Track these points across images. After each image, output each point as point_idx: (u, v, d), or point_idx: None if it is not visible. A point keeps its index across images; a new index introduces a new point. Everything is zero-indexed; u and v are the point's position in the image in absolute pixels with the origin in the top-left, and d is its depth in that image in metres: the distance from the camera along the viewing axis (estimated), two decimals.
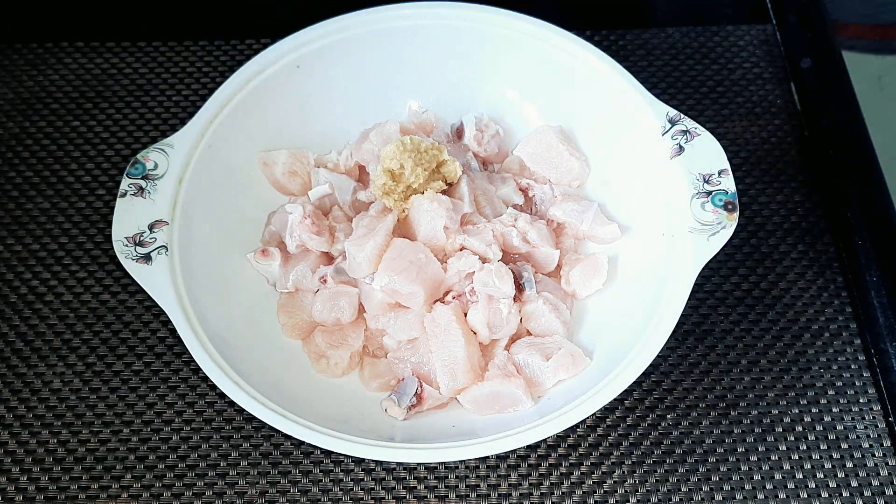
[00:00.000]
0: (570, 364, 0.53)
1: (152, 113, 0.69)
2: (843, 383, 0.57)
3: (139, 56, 0.72)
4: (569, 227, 0.59)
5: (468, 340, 0.53)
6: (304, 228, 0.57)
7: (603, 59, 0.59)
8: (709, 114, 0.69)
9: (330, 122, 0.63)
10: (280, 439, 0.55)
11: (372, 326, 0.56)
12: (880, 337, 0.58)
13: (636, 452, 0.55)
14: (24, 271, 0.61)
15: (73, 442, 0.55)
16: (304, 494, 0.53)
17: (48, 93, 0.70)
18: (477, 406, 0.53)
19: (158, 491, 0.53)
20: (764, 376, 0.57)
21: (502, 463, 0.54)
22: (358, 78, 0.63)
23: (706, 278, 0.61)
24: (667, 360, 0.58)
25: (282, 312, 0.57)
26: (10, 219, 0.64)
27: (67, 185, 0.65)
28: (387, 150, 0.56)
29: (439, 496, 0.53)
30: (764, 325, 0.59)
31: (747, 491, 0.53)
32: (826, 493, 0.53)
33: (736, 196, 0.53)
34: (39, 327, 0.59)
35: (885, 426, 0.55)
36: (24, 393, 0.57)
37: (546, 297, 0.55)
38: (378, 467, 0.54)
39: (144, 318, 0.60)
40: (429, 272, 0.54)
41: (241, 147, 0.59)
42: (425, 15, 0.61)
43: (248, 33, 0.73)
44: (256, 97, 0.59)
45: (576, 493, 0.53)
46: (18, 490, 0.54)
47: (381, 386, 0.55)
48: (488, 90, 0.64)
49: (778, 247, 0.63)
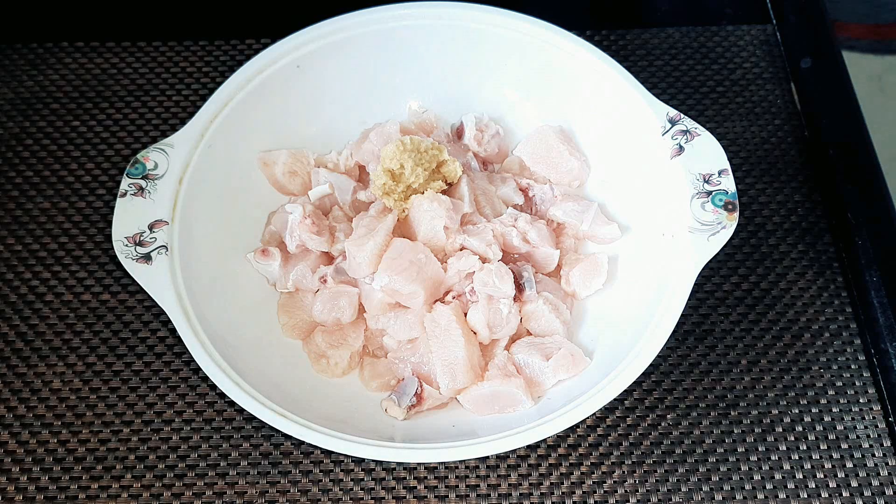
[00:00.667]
0: (570, 364, 0.53)
1: (152, 113, 0.69)
2: (844, 383, 0.57)
3: (139, 56, 0.72)
4: (569, 227, 0.59)
5: (468, 340, 0.53)
6: (304, 228, 0.57)
7: (603, 59, 0.59)
8: (709, 114, 0.69)
9: (330, 122, 0.63)
10: (280, 439, 0.55)
11: (372, 326, 0.56)
12: (880, 337, 0.58)
13: (636, 452, 0.55)
14: (25, 271, 0.62)
15: (73, 442, 0.55)
16: (304, 494, 0.53)
17: (48, 93, 0.70)
18: (477, 406, 0.53)
19: (158, 491, 0.53)
20: (764, 376, 0.57)
21: (502, 463, 0.54)
22: (358, 78, 0.63)
23: (706, 278, 0.61)
24: (667, 360, 0.58)
25: (282, 312, 0.57)
26: (10, 219, 0.64)
27: (67, 184, 0.65)
28: (387, 150, 0.56)
29: (439, 496, 0.53)
30: (764, 325, 0.59)
31: (747, 491, 0.53)
32: (826, 493, 0.53)
33: (736, 196, 0.53)
34: (39, 327, 0.59)
35: (885, 426, 0.55)
36: (24, 393, 0.57)
37: (546, 297, 0.55)
38: (378, 467, 0.54)
39: (144, 318, 0.60)
40: (429, 272, 0.54)
41: (241, 147, 0.59)
42: (425, 15, 0.61)
43: (248, 33, 0.73)
44: (256, 97, 0.59)
45: (576, 493, 0.53)
46: (18, 490, 0.54)
47: (381, 386, 0.55)
48: (488, 90, 0.64)
49: (778, 247, 0.63)
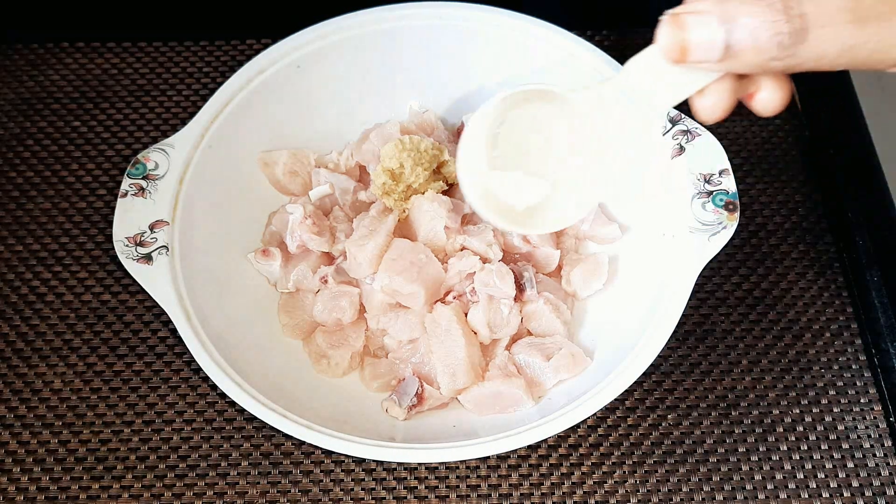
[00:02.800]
0: (571, 364, 0.53)
1: (153, 113, 0.69)
2: (844, 383, 0.57)
3: (139, 56, 0.72)
4: (569, 227, 0.59)
5: (469, 341, 0.53)
6: (304, 228, 0.57)
7: (603, 59, 0.59)
8: None
9: (330, 122, 0.63)
10: (281, 439, 0.55)
11: (373, 326, 0.56)
12: (881, 337, 0.58)
13: (637, 452, 0.55)
14: (25, 271, 0.61)
15: (74, 442, 0.55)
16: (305, 494, 0.53)
17: (48, 93, 0.70)
18: (478, 406, 0.53)
19: (159, 491, 0.53)
20: (765, 376, 0.57)
21: (503, 463, 0.54)
22: (358, 78, 0.63)
23: (707, 278, 0.61)
24: (668, 360, 0.58)
25: (282, 312, 0.57)
26: (10, 219, 0.64)
27: (68, 185, 0.65)
28: (386, 150, 0.56)
29: (440, 496, 0.53)
30: (765, 326, 0.59)
31: (748, 491, 0.53)
32: (827, 494, 0.53)
33: (737, 196, 0.53)
34: (40, 327, 0.59)
35: (886, 426, 0.55)
36: (25, 393, 0.57)
37: (547, 298, 0.55)
38: (379, 467, 0.54)
39: (145, 318, 0.60)
40: (429, 272, 0.54)
41: (241, 147, 0.59)
42: (425, 15, 0.61)
43: (248, 33, 0.73)
44: (257, 97, 0.59)
45: (577, 493, 0.53)
46: (19, 490, 0.54)
47: (382, 386, 0.55)
48: (488, 90, 0.64)
49: (779, 247, 0.63)
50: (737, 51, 0.34)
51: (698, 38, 0.34)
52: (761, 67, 0.34)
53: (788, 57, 0.33)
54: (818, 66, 0.34)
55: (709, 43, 0.34)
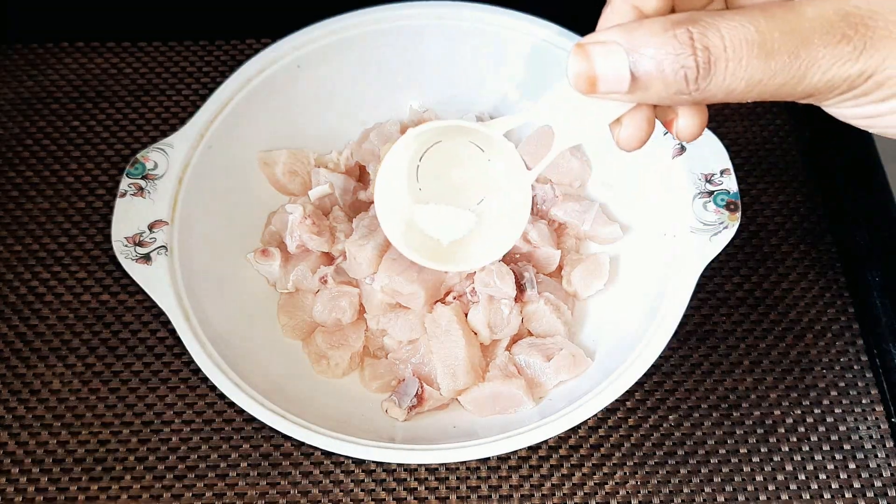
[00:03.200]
0: (572, 365, 0.53)
1: (152, 113, 0.69)
2: (846, 384, 0.57)
3: (139, 56, 0.72)
4: (570, 228, 0.59)
5: (469, 341, 0.53)
6: (304, 228, 0.57)
7: None
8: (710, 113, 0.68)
9: (330, 122, 0.63)
10: (280, 440, 0.55)
11: (372, 327, 0.56)
12: (882, 338, 0.58)
13: (638, 453, 0.54)
14: (24, 271, 0.61)
15: (72, 443, 0.55)
16: (305, 496, 0.53)
17: (48, 93, 0.70)
18: (478, 407, 0.53)
19: (158, 492, 0.53)
20: (766, 377, 0.57)
21: (503, 464, 0.54)
22: (358, 78, 0.63)
23: (708, 279, 0.61)
24: (668, 360, 0.58)
25: (282, 313, 0.57)
26: (9, 219, 0.64)
27: (67, 185, 0.65)
28: (386, 149, 0.56)
29: (440, 497, 0.53)
30: (766, 326, 0.59)
31: (749, 492, 0.53)
32: (828, 495, 0.53)
33: (738, 196, 0.52)
34: (39, 328, 0.59)
35: (888, 427, 0.55)
36: (23, 394, 0.57)
37: (547, 298, 0.55)
38: (379, 468, 0.54)
39: (144, 319, 0.59)
40: (429, 273, 0.54)
41: (241, 147, 0.59)
42: (425, 15, 0.61)
43: (248, 33, 0.73)
44: (256, 97, 0.59)
45: (577, 495, 0.53)
46: (18, 491, 0.53)
47: (382, 387, 0.55)
48: (488, 90, 0.64)
49: (780, 247, 0.62)
50: (644, 83, 0.32)
51: (604, 70, 0.33)
52: (671, 100, 0.33)
53: (696, 91, 0.32)
54: (728, 98, 0.33)
55: (615, 74, 0.33)
